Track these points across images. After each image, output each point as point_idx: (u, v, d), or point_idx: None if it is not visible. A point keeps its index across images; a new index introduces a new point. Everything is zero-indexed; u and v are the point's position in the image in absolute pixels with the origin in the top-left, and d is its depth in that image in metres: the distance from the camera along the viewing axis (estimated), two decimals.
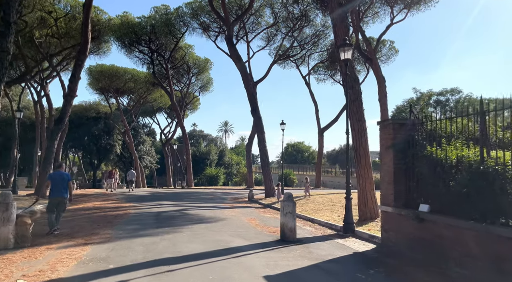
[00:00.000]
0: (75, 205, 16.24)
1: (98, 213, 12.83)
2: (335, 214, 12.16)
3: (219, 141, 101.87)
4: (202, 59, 40.05)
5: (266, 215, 12.96)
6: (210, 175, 44.26)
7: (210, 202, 18.01)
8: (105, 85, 41.20)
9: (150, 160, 52.88)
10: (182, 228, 9.11)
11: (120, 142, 49.83)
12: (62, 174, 8.74)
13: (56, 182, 8.47)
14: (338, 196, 18.21)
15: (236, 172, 60.23)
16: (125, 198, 19.53)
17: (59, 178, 8.56)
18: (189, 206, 15.91)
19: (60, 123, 17.16)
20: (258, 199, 19.84)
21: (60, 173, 8.78)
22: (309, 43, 35.47)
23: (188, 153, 37.91)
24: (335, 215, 11.80)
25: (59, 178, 8.55)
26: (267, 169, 20.35)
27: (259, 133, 20.65)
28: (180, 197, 21.22)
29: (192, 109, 53.57)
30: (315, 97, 36.26)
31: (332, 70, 38.58)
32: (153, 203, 17.00)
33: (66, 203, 8.65)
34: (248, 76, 21.07)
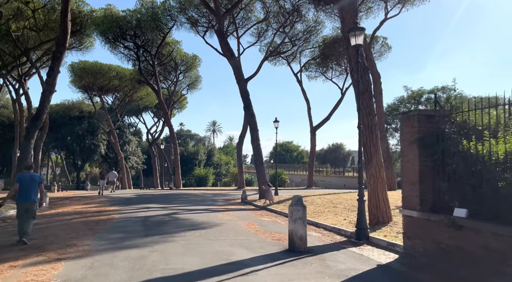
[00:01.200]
0: (53, 209, 14.91)
1: (78, 218, 11.57)
2: (340, 216, 11.20)
3: (207, 140, 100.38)
4: (190, 56, 38.78)
5: (264, 219, 11.93)
6: (199, 176, 42.98)
7: (201, 205, 16.88)
8: (88, 82, 39.52)
9: (136, 160, 51.26)
10: (174, 236, 7.99)
11: (104, 142, 48.08)
12: (33, 176, 7.77)
13: (26, 184, 7.49)
14: (337, 197, 17.33)
15: (226, 172, 59.06)
16: (109, 201, 18.22)
17: (29, 180, 7.58)
18: (179, 209, 14.75)
19: (37, 121, 15.77)
20: (251, 200, 18.80)
21: (30, 174, 7.79)
22: (300, 39, 34.62)
23: (176, 153, 36.60)
24: (340, 218, 10.84)
25: (29, 180, 7.58)
26: (261, 168, 19.33)
27: (253, 131, 19.62)
28: (169, 199, 20.01)
29: (179, 109, 52.23)
30: (307, 95, 35.43)
31: (324, 68, 37.83)
32: (139, 206, 15.77)
33: (36, 208, 7.67)
34: (241, 72, 20.01)
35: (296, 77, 35.86)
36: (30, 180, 7.58)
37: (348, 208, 12.94)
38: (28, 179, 7.60)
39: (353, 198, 16.30)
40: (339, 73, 37.73)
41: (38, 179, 7.82)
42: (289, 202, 16.52)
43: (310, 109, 35.24)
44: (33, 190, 7.53)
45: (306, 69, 37.95)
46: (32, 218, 7.54)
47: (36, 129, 15.99)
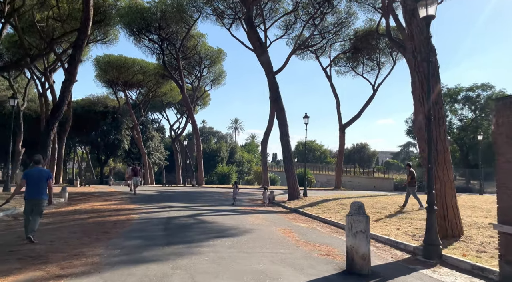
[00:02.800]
0: (71, 205, 14.00)
1: (94, 217, 10.51)
2: (390, 225, 9.62)
3: (229, 138, 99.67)
4: (215, 50, 37.69)
5: (300, 224, 10.50)
6: (222, 173, 41.90)
7: (227, 205, 15.61)
8: (113, 77, 39.16)
9: (159, 156, 50.81)
10: (201, 246, 6.69)
11: (128, 137, 47.84)
12: (41, 171, 7.13)
13: (34, 180, 6.92)
14: (376, 200, 15.65)
15: (248, 170, 57.87)
16: (130, 198, 17.25)
17: (37, 176, 6.97)
18: (203, 210, 13.53)
19: (56, 112, 14.93)
20: (280, 201, 17.43)
21: (38, 170, 7.14)
22: (331, 32, 32.88)
23: (199, 149, 35.64)
24: (391, 227, 9.27)
25: (37, 176, 6.97)
26: (290, 167, 17.88)
27: (282, 126, 18.18)
28: (192, 198, 18.88)
29: (202, 105, 51.50)
30: (336, 90, 33.58)
31: (354, 62, 35.89)
32: (161, 204, 14.66)
33: (44, 205, 7.07)
34: (269, 63, 18.59)
35: (325, 72, 34.11)
36: (38, 176, 6.97)
37: (395, 214, 11.31)
38: (36, 174, 6.99)
39: (396, 202, 14.63)
40: (370, 68, 35.75)
41: (47, 174, 7.15)
42: (322, 205, 15.07)
43: (340, 106, 33.47)
44: (41, 186, 6.92)
45: (335, 64, 36.15)
46: (39, 215, 6.98)
47: (56, 121, 15.16)
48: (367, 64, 35.53)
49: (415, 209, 12.18)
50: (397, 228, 9.10)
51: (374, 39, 32.38)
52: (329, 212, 12.87)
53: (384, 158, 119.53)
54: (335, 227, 10.15)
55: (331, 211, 13.20)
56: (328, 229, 9.81)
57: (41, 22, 24.16)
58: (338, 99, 33.47)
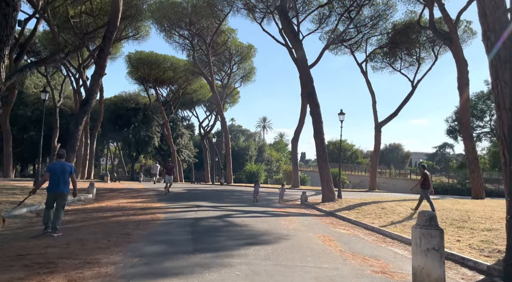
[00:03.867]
0: (98, 202, 13.60)
1: (118, 216, 9.90)
2: (447, 235, 8.30)
3: (258, 136, 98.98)
4: (245, 46, 36.93)
5: (340, 230, 9.41)
6: (250, 171, 41.11)
7: (257, 205, 14.71)
8: (144, 74, 39.38)
9: (188, 154, 50.83)
10: (232, 256, 5.80)
11: (158, 134, 48.18)
12: (64, 165, 7.24)
13: (56, 174, 7.05)
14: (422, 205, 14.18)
15: (276, 169, 56.84)
16: (157, 196, 16.74)
17: (60, 170, 7.10)
18: (232, 210, 12.69)
19: (85, 105, 14.59)
20: (313, 203, 16.31)
21: (61, 163, 7.27)
22: (367, 26, 31.21)
23: (228, 147, 35.03)
24: (450, 238, 7.99)
25: (59, 170, 7.10)
26: (325, 166, 16.72)
27: (316, 123, 17.04)
28: (220, 196, 18.14)
29: (231, 103, 51.09)
30: (372, 87, 31.88)
31: (392, 57, 33.94)
32: (189, 203, 13.97)
33: (66, 198, 7.31)
34: (304, 55, 17.49)
35: (361, 67, 32.43)
36: (61, 169, 7.10)
37: (450, 222, 9.95)
38: (59, 168, 7.13)
39: (446, 208, 13.12)
40: (409, 64, 33.68)
41: (69, 168, 7.24)
42: (361, 208, 13.80)
43: (376, 103, 31.69)
44: (64, 180, 7.06)
45: (371, 59, 34.34)
46: (62, 207, 7.17)
47: (84, 115, 14.84)
48: (406, 59, 33.51)
49: None
50: (457, 239, 7.82)
51: (414, 32, 30.41)
52: (370, 217, 11.67)
53: (417, 159, 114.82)
54: (380, 235, 8.98)
55: (371, 215, 11.98)
56: (372, 238, 8.67)
57: (74, 17, 24.29)
58: (374, 96, 31.76)
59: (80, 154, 32.01)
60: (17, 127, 38.24)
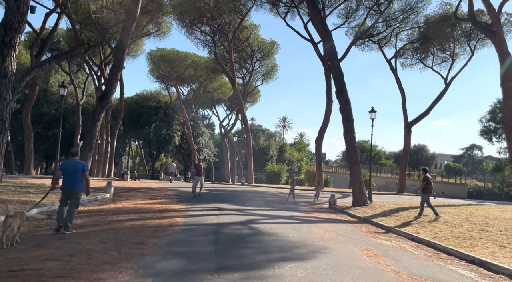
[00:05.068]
0: (114, 203, 12.85)
1: (134, 220, 9.03)
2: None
3: (278, 136, 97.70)
4: (268, 42, 35.81)
5: (383, 242, 8.20)
6: (272, 172, 40.00)
7: (282, 209, 13.62)
8: (165, 71, 38.94)
9: (208, 153, 50.23)
10: (264, 277, 4.73)
11: (179, 133, 47.82)
12: (76, 163, 7.24)
13: (69, 172, 7.12)
14: (468, 212, 12.69)
15: (298, 170, 55.45)
16: (177, 196, 15.89)
17: (72, 168, 7.14)
18: (257, 214, 11.65)
19: (103, 100, 13.90)
20: (343, 207, 15.06)
21: (74, 162, 7.27)
22: (397, 20, 29.51)
23: (249, 146, 34.06)
24: None
25: (72, 168, 7.14)
26: (356, 168, 15.42)
27: (347, 121, 15.76)
28: (243, 198, 17.13)
29: (251, 102, 50.17)
30: (402, 85, 30.12)
31: (423, 53, 32.08)
32: (210, 205, 13.03)
33: (79, 197, 7.33)
34: (334, 47, 16.25)
35: (390, 64, 30.75)
36: (73, 168, 7.14)
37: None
38: (71, 166, 7.17)
39: (498, 217, 11.60)
40: (441, 60, 31.75)
41: (82, 166, 7.24)
42: (398, 215, 12.36)
43: (405, 101, 29.95)
44: (76, 178, 7.11)
45: (400, 56, 32.55)
46: (76, 206, 7.20)
47: (102, 110, 14.16)
48: (438, 55, 31.58)
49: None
50: None
51: (449, 26, 28.51)
52: (412, 225, 10.37)
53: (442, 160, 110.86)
54: (432, 249, 7.72)
55: (413, 223, 10.67)
56: (423, 252, 7.43)
57: (96, 13, 23.83)
58: (404, 94, 30.02)
59: (101, 151, 31.80)
60: (42, 125, 38.60)
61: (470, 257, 6.80)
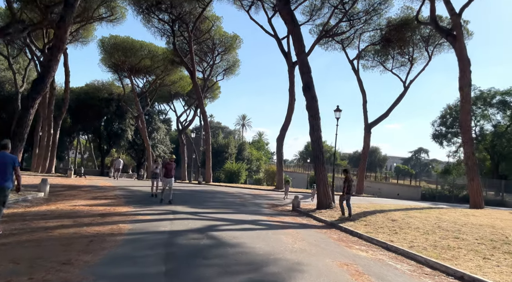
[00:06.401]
0: (48, 203, 10.93)
1: (66, 228, 7.38)
2: (505, 266, 6.37)
3: (237, 134, 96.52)
4: (230, 36, 34.45)
5: (359, 253, 7.30)
6: (230, 170, 38.73)
7: (245, 212, 12.46)
8: (118, 61, 36.13)
9: (164, 149, 47.85)
10: None
11: (132, 127, 45.08)
12: (5, 157, 6.43)
13: None
14: (434, 216, 12.30)
15: (256, 168, 54.70)
16: (125, 196, 14.16)
17: (1, 162, 6.34)
18: (218, 219, 10.38)
19: (39, 84, 11.86)
20: (307, 209, 14.20)
21: (3, 154, 6.43)
22: (360, 20, 29.50)
23: (208, 143, 32.53)
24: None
25: (1, 162, 6.34)
26: (322, 168, 14.63)
27: (313, 119, 14.93)
28: (201, 199, 15.75)
29: (211, 98, 48.54)
30: (363, 86, 30.21)
31: (383, 56, 32.48)
32: (163, 208, 11.54)
33: (7, 194, 6.45)
34: (302, 40, 15.34)
35: (352, 64, 30.79)
36: (2, 162, 6.34)
37: (492, 245, 8.01)
38: None
39: (466, 222, 11.22)
40: (400, 64, 32.36)
41: (12, 160, 6.44)
42: (367, 219, 11.50)
43: (366, 103, 30.15)
44: (5, 173, 6.32)
45: (361, 57, 32.72)
46: (3, 205, 6.41)
47: (37, 96, 12.09)
48: (398, 59, 32.15)
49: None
50: None
51: (409, 30, 28.99)
52: (383, 232, 9.65)
53: (392, 163, 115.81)
54: (413, 262, 6.92)
55: (384, 230, 9.96)
56: (405, 266, 6.60)
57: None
58: (365, 95, 30.20)
59: (42, 144, 28.69)
60: None
61: (458, 272, 6.05)
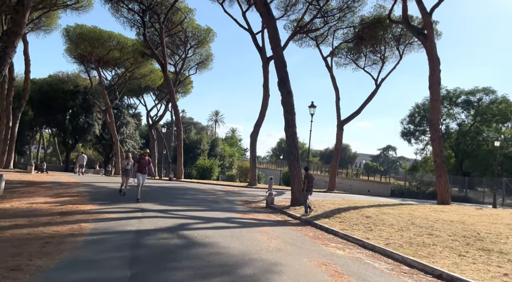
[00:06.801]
0: (3, 201, 10.03)
1: (19, 228, 6.69)
2: (480, 264, 6.35)
3: (210, 130, 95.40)
4: (203, 29, 33.62)
5: (336, 251, 7.09)
6: (203, 167, 37.98)
7: (218, 209, 12.04)
8: (85, 52, 34.38)
9: (133, 145, 46.35)
10: None
11: (100, 121, 43.26)
12: None
13: None
14: (406, 212, 12.39)
15: (229, 165, 54.16)
16: (90, 193, 13.35)
17: None
18: (189, 217, 9.90)
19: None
20: (281, 206, 13.98)
21: None
22: (335, 17, 29.57)
23: (180, 139, 31.71)
24: (487, 268, 6.00)
25: None
26: (296, 165, 14.44)
27: (288, 114, 14.70)
28: (171, 196, 15.15)
29: (183, 93, 47.51)
30: (337, 83, 30.36)
31: (356, 54, 32.80)
32: (130, 206, 10.91)
33: None
34: (277, 33, 15.03)
35: (325, 61, 30.86)
36: None
37: (465, 242, 8.02)
38: None
39: (438, 218, 11.34)
40: (372, 62, 32.76)
41: None
42: (341, 216, 11.36)
43: (339, 100, 30.30)
44: None
45: (335, 54, 32.90)
46: None
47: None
48: (370, 57, 32.52)
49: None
50: (504, 273, 5.79)
51: (381, 28, 29.39)
52: (358, 229, 9.54)
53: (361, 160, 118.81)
54: (390, 260, 6.77)
55: (359, 227, 9.86)
56: (383, 264, 6.44)
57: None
58: (338, 92, 30.35)
59: (0, 138, 26.88)
60: None
61: (436, 271, 5.94)
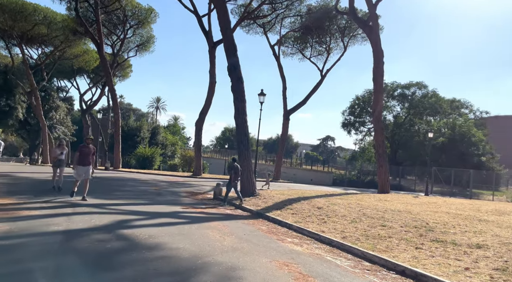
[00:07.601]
0: None
1: None
2: (441, 258, 6.26)
3: (150, 117, 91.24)
4: (144, 8, 31.33)
5: (294, 248, 6.62)
6: (143, 155, 35.87)
7: (162, 202, 11.03)
8: (4, 25, 30.40)
9: (64, 131, 42.43)
10: None
11: (24, 105, 38.81)
12: None
13: None
14: (354, 202, 12.42)
15: (171, 154, 52.11)
16: (7, 185, 11.51)
17: None
18: (130, 212, 8.81)
19: None
20: (231, 198, 13.29)
21: None
22: (282, 5, 29.23)
23: (118, 125, 29.50)
24: (450, 262, 5.91)
25: None
26: (247, 154, 13.83)
27: (239, 102, 13.98)
28: (108, 188, 13.73)
29: (121, 77, 44.56)
30: (284, 73, 30.23)
31: (302, 44, 32.96)
32: (59, 199, 9.49)
33: None
34: (228, 14, 14.14)
35: (273, 49, 30.59)
36: None
37: (418, 232, 8.01)
38: None
39: (385, 208, 11.48)
40: (317, 53, 33.19)
41: None
42: (292, 207, 10.80)
43: (286, 89, 30.29)
44: None
45: (282, 43, 32.73)
46: None
47: None
48: (316, 47, 32.91)
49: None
50: (465, 267, 5.71)
51: (328, 19, 29.70)
52: (312, 221, 9.23)
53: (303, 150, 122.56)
54: (350, 255, 6.44)
55: (312, 219, 9.55)
56: (344, 260, 6.08)
57: None
58: (285, 82, 30.29)
59: None
60: None
61: (399, 266, 5.69)
